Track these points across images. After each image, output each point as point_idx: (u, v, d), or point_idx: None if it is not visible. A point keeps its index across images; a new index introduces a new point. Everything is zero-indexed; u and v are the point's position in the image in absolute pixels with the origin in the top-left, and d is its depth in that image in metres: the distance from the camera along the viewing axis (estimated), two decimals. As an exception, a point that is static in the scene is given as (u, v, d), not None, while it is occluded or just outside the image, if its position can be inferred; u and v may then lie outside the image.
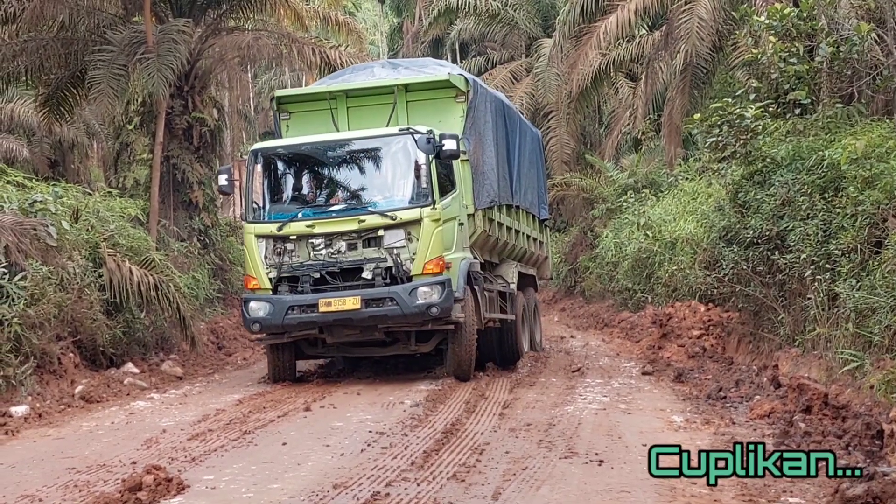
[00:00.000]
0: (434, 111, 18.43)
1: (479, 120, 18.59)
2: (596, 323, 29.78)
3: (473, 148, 18.29)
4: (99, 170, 40.95)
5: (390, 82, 18.68)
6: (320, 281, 16.85)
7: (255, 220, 17.40)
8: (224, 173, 18.16)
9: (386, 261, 16.72)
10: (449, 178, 17.51)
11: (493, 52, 50.14)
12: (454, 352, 17.19)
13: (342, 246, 16.86)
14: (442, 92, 18.65)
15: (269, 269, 17.02)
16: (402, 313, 16.48)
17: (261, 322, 16.91)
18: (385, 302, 16.52)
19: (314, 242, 16.90)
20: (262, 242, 17.11)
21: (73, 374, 17.41)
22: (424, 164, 16.78)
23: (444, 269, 16.66)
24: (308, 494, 9.21)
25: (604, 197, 35.07)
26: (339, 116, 18.65)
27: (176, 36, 24.33)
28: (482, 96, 18.99)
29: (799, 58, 17.43)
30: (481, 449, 11.19)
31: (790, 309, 15.54)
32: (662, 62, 29.38)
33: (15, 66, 26.77)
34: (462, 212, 17.77)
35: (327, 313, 16.58)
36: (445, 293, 16.50)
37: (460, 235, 17.57)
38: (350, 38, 33.25)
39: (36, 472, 10.98)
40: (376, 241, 16.79)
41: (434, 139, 16.69)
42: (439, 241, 16.73)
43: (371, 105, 18.67)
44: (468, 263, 17.47)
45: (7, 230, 16.46)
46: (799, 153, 15.88)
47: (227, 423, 13.50)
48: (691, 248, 22.08)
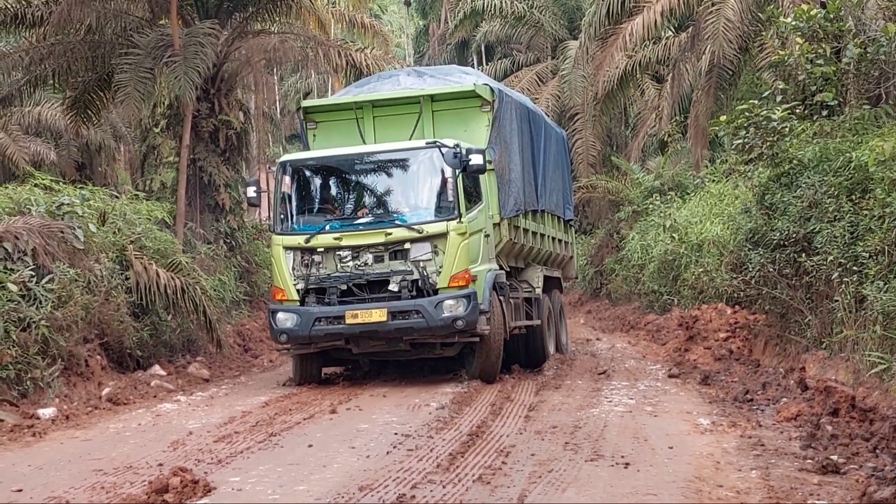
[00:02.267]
0: (460, 121, 18.48)
1: (504, 129, 18.64)
2: (622, 325, 29.72)
3: (499, 157, 18.32)
4: (126, 173, 41.08)
5: (416, 93, 18.75)
6: (347, 293, 16.91)
7: (283, 231, 17.45)
8: (252, 185, 18.30)
9: (412, 273, 16.78)
10: (476, 190, 17.54)
11: (519, 55, 50.16)
12: (479, 360, 17.29)
13: (369, 258, 16.92)
14: (467, 102, 18.67)
15: (296, 280, 17.09)
16: (428, 326, 16.55)
17: (288, 333, 16.98)
18: (411, 315, 16.59)
19: (341, 255, 16.97)
20: (289, 254, 17.18)
21: (101, 376, 17.48)
22: (451, 177, 16.84)
23: (469, 282, 16.71)
24: (334, 496, 9.21)
25: (630, 199, 35.00)
26: (365, 126, 18.73)
27: (202, 39, 24.40)
28: (507, 105, 19.01)
29: (826, 59, 17.37)
30: (507, 451, 11.18)
31: (817, 311, 15.48)
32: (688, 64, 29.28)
33: (42, 70, 26.93)
34: (488, 223, 17.82)
35: (354, 325, 16.65)
36: (471, 306, 16.55)
37: (486, 247, 17.61)
38: (376, 40, 33.31)
39: (63, 473, 11.03)
40: (403, 254, 16.87)
41: (461, 153, 16.74)
42: (465, 254, 16.78)
43: (397, 115, 18.74)
44: (494, 275, 17.51)
45: (35, 233, 16.53)
46: (826, 155, 15.83)
47: (253, 425, 13.53)
48: (718, 250, 22.00)
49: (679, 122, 34.05)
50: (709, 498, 8.78)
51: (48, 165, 31.97)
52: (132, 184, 35.46)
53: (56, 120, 32.78)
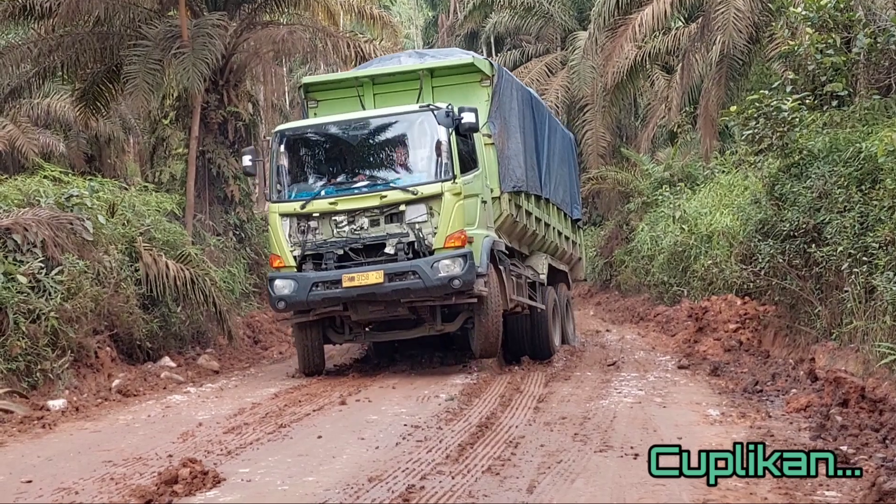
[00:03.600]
0: (460, 95, 18.46)
1: (504, 105, 18.68)
2: (631, 317, 29.70)
3: (498, 132, 18.38)
4: (135, 164, 41.15)
5: (415, 67, 18.86)
6: (344, 257, 16.94)
7: (279, 199, 17.48)
8: (248, 154, 18.33)
9: (408, 236, 16.80)
10: (471, 156, 17.57)
11: (529, 46, 50.08)
12: (480, 329, 17.27)
13: (364, 222, 16.95)
14: (467, 76, 18.75)
15: (293, 247, 17.13)
16: (425, 286, 16.54)
17: (286, 299, 17.01)
18: (407, 276, 16.58)
19: (337, 219, 17.01)
20: (286, 221, 17.22)
21: (110, 367, 17.51)
22: (445, 139, 16.87)
23: (465, 242, 16.68)
24: (343, 487, 9.21)
25: (639, 190, 34.97)
26: (365, 103, 18.78)
27: (211, 30, 24.43)
28: (507, 82, 19.08)
29: (836, 49, 17.33)
30: (516, 442, 11.18)
31: (827, 302, 15.46)
32: (698, 54, 29.29)
33: (51, 61, 26.99)
34: (485, 191, 17.81)
35: (350, 288, 16.66)
36: (467, 266, 16.52)
37: (483, 213, 17.60)
38: (385, 31, 33.30)
39: (73, 464, 11.04)
40: (398, 217, 16.88)
41: (453, 113, 16.81)
42: (460, 215, 16.77)
43: (398, 91, 18.79)
44: (491, 241, 17.50)
45: (44, 225, 16.56)
46: (836, 145, 15.80)
47: (262, 417, 13.53)
48: (727, 241, 22.02)
49: (689, 112, 34.02)
50: (717, 489, 8.75)
51: (57, 157, 32.02)
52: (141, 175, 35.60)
53: (65, 112, 32.86)
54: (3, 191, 17.95)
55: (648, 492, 8.72)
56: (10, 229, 16.24)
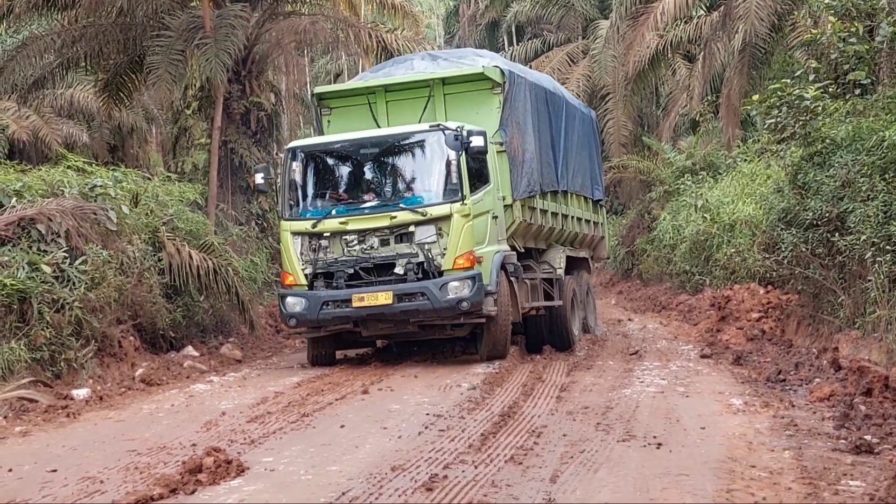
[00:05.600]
0: (471, 103, 18.60)
1: (516, 110, 18.70)
2: (653, 306, 29.66)
3: (511, 138, 18.39)
4: (158, 154, 41.24)
5: (427, 76, 18.95)
6: (354, 276, 17.04)
7: (291, 217, 17.57)
8: (260, 171, 18.45)
9: (417, 256, 16.89)
10: (481, 172, 17.57)
11: (550, 35, 49.98)
12: (488, 337, 17.38)
13: (375, 242, 17.06)
14: (478, 84, 18.78)
15: (304, 265, 17.25)
16: (434, 308, 16.65)
17: (297, 317, 17.19)
18: (416, 297, 16.69)
19: (347, 239, 17.12)
20: (297, 239, 17.34)
21: (134, 357, 17.59)
22: (454, 160, 16.91)
23: (474, 263, 16.76)
24: (366, 477, 9.23)
25: (661, 179, 34.87)
26: (378, 111, 18.97)
27: (233, 21, 24.45)
28: (519, 86, 19.04)
29: (859, 38, 17.27)
30: (538, 432, 11.19)
31: (850, 291, 15.41)
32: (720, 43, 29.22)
33: (74, 52, 27.03)
34: (497, 205, 17.87)
35: (360, 308, 16.80)
36: (476, 288, 16.60)
37: (494, 229, 17.66)
38: (406, 21, 33.24)
39: (97, 453, 11.10)
40: (408, 237, 17.00)
41: (462, 136, 16.81)
42: (469, 236, 16.85)
43: (410, 99, 18.94)
44: (502, 256, 17.55)
45: (68, 215, 16.63)
46: (859, 134, 15.73)
47: (285, 406, 13.57)
48: (750, 230, 21.96)
49: (711, 101, 33.94)
50: (741, 478, 8.76)
51: (81, 148, 32.13)
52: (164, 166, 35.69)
53: (88, 102, 32.95)
54: (27, 181, 18.02)
55: (672, 482, 8.72)
56: (35, 219, 16.32)
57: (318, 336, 17.82)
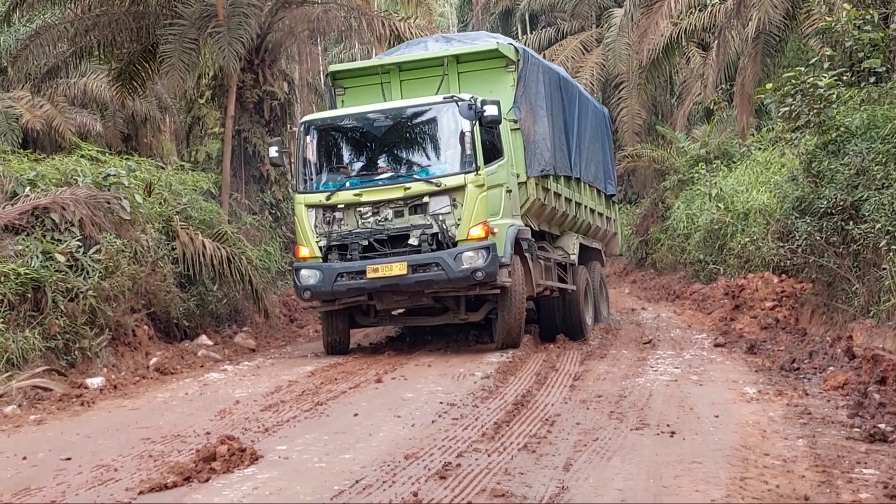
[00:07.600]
0: (485, 81, 18.57)
1: (530, 89, 18.70)
2: (667, 295, 29.61)
3: (524, 116, 18.40)
4: (171, 144, 41.24)
5: (440, 54, 18.94)
6: (368, 248, 17.05)
7: (306, 190, 17.59)
8: (274, 145, 18.47)
9: (432, 227, 16.87)
10: (495, 145, 17.61)
11: (564, 23, 49.82)
12: (502, 322, 17.33)
13: (389, 213, 17.04)
14: (492, 62, 18.79)
15: (318, 237, 17.25)
16: (448, 278, 16.62)
17: (311, 289, 17.16)
18: (431, 267, 16.67)
19: (362, 211, 17.11)
20: (311, 212, 17.34)
21: (148, 346, 17.63)
22: (468, 130, 16.89)
23: (489, 234, 16.75)
24: (380, 465, 9.24)
25: (675, 168, 34.82)
26: (392, 89, 18.93)
27: (246, 9, 24.46)
28: (533, 66, 19.07)
29: (874, 25, 17.22)
30: (552, 420, 11.19)
31: (864, 279, 15.37)
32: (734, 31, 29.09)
33: (88, 41, 27.05)
34: (511, 179, 17.88)
35: (375, 279, 16.78)
36: (490, 258, 16.58)
37: (508, 202, 17.66)
38: (419, 10, 33.17)
39: (111, 442, 11.12)
40: (422, 208, 16.97)
41: (476, 105, 16.82)
42: (484, 206, 16.83)
43: (424, 77, 18.89)
44: (516, 230, 17.53)
45: (81, 204, 16.65)
46: (874, 122, 15.69)
47: (299, 395, 13.59)
48: (764, 218, 21.93)
49: (725, 89, 33.85)
50: (755, 466, 8.75)
51: (94, 137, 32.08)
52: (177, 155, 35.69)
53: (102, 91, 32.91)
54: (41, 170, 18.03)
55: (685, 469, 8.71)
56: (49, 208, 16.35)
57: (333, 309, 17.79)
